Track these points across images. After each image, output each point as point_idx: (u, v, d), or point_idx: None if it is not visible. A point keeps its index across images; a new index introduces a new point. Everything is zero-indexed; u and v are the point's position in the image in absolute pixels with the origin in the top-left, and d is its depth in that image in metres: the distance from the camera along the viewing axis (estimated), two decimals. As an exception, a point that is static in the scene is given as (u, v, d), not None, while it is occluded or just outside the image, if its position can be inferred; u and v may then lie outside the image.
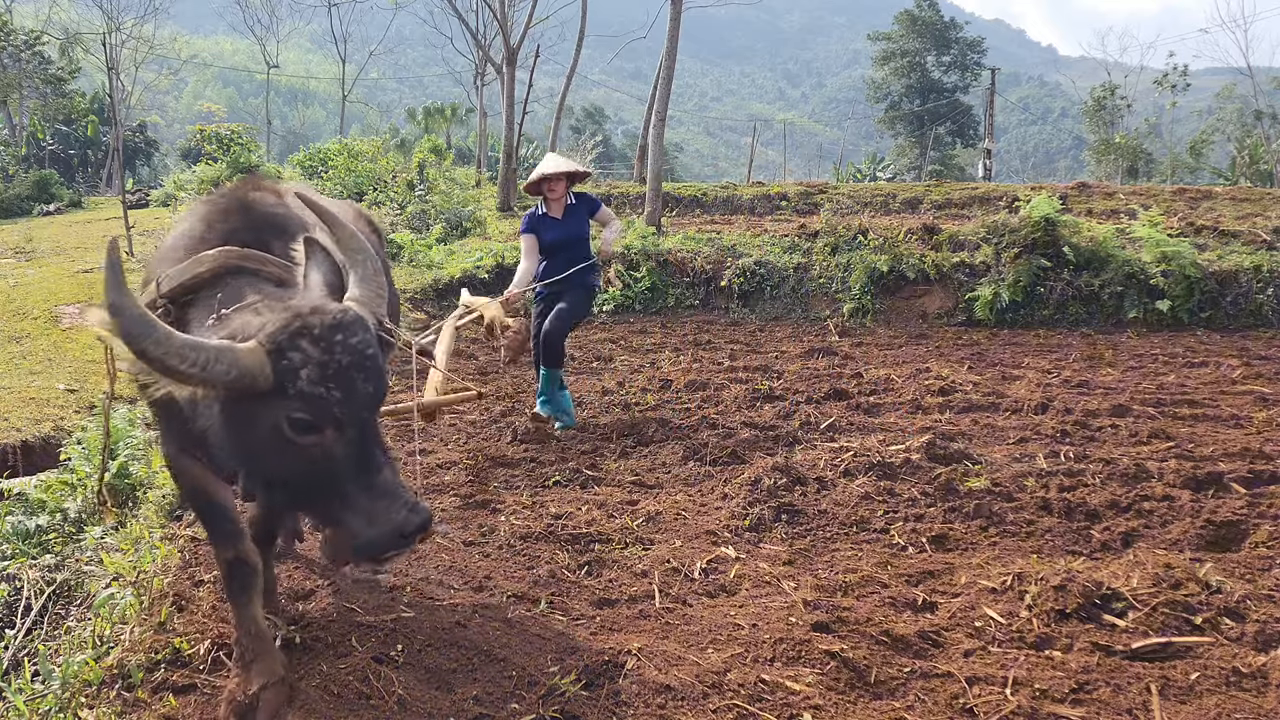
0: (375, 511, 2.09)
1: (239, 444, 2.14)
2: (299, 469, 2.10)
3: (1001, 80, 43.64)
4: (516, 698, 2.75)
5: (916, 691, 2.78)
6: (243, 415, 2.08)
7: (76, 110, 34.88)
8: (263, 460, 2.14)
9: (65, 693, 2.75)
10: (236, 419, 2.10)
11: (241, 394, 2.02)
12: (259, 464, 2.17)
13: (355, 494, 2.10)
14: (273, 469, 2.14)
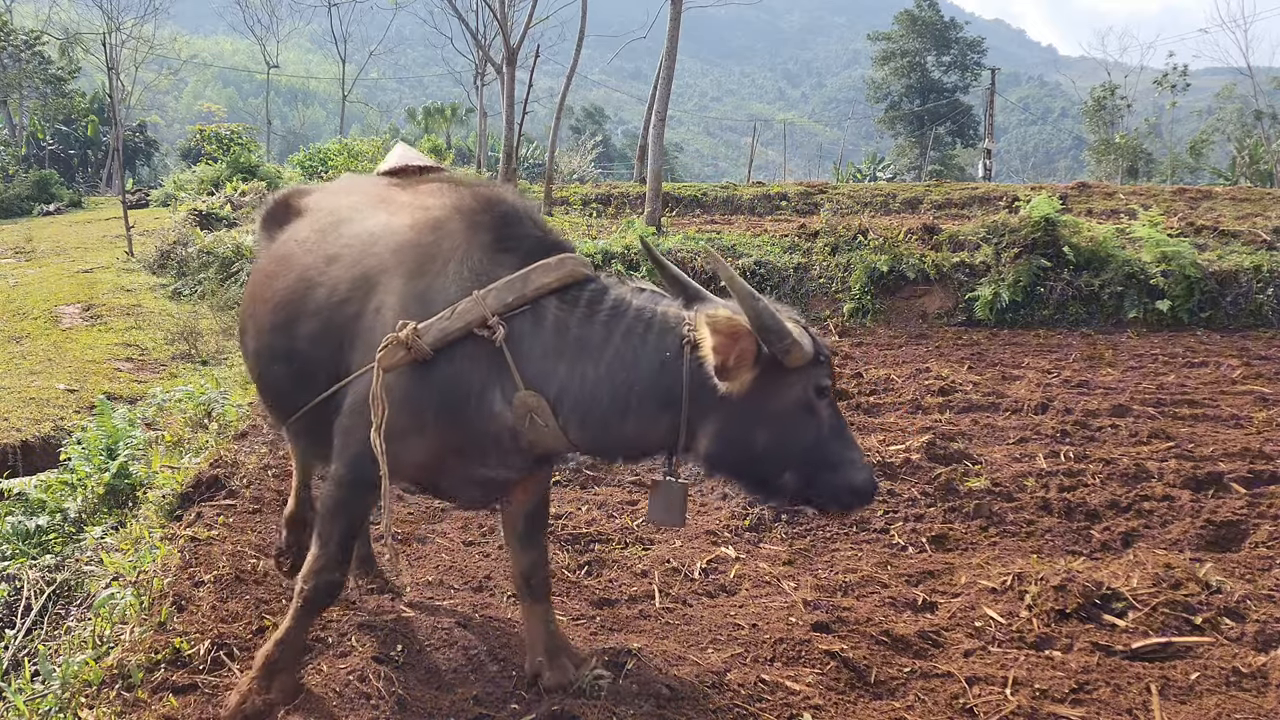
0: (855, 460, 2.37)
1: (753, 425, 2.30)
2: (808, 436, 2.33)
3: (1001, 80, 43.66)
4: (516, 698, 2.75)
5: (916, 691, 2.78)
6: (772, 391, 2.27)
7: (76, 110, 34.87)
8: (778, 435, 2.31)
9: (65, 693, 2.75)
10: (764, 396, 2.26)
11: (790, 366, 2.24)
12: (769, 442, 2.31)
13: (840, 449, 2.36)
14: (780, 443, 2.32)
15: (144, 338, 10.25)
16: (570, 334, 2.36)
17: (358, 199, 2.87)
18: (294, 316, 2.64)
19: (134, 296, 12.49)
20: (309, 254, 2.70)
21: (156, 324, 10.93)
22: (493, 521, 4.37)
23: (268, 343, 2.76)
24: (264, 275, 2.86)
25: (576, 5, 21.36)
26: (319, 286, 2.60)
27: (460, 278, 2.40)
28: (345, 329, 2.52)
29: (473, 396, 2.38)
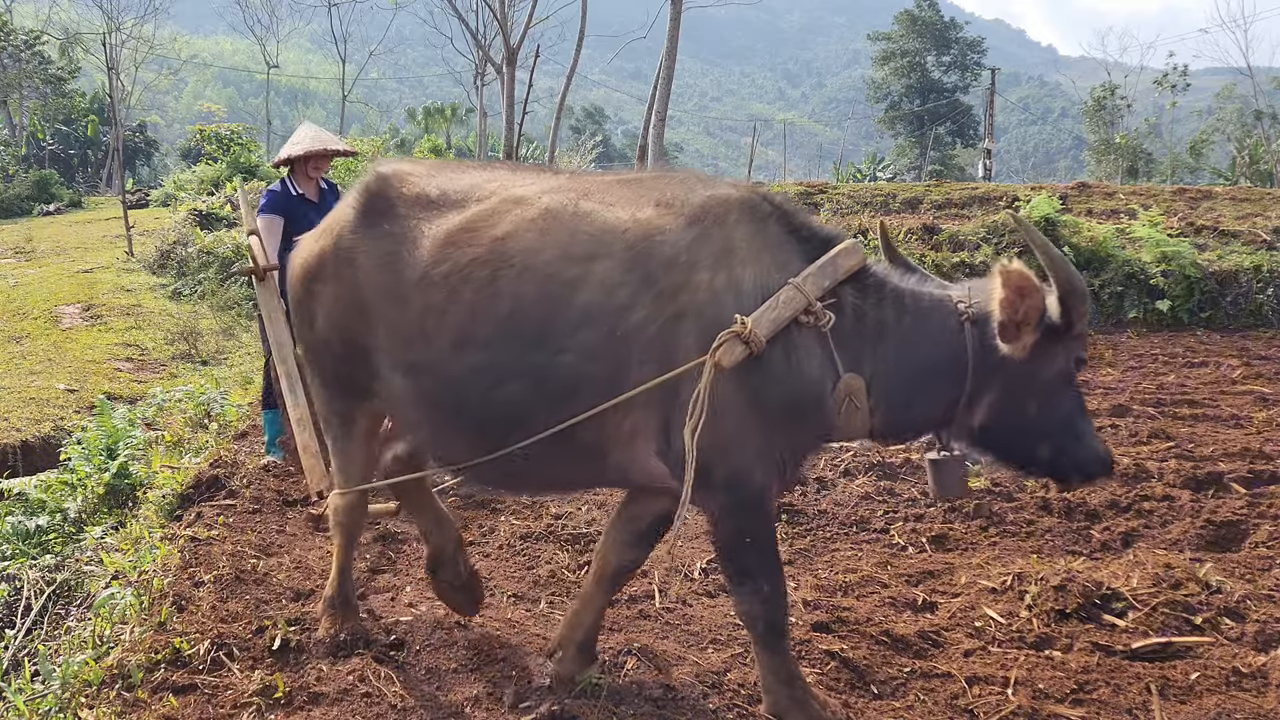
0: (1094, 432, 2.47)
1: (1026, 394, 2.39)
2: (1067, 407, 2.43)
3: (1001, 80, 43.65)
4: (516, 698, 2.74)
5: (916, 691, 2.78)
6: (1045, 358, 2.34)
7: (76, 110, 34.87)
8: (1045, 404, 2.40)
9: (65, 693, 2.75)
10: (1037, 363, 2.34)
11: (1071, 333, 2.32)
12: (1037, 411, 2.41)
13: (1085, 422, 2.46)
14: (1045, 412, 2.41)
15: (144, 338, 10.24)
16: (868, 317, 2.40)
17: (541, 185, 2.59)
18: (548, 327, 2.36)
19: (134, 296, 12.49)
20: (534, 254, 2.41)
21: (156, 324, 10.93)
22: (493, 521, 4.37)
23: (486, 361, 2.42)
24: (436, 280, 2.48)
25: (576, 5, 21.36)
26: (579, 290, 2.36)
27: (765, 269, 2.37)
28: (631, 335, 2.33)
29: (804, 385, 2.37)
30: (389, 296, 2.57)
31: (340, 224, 2.72)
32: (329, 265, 2.72)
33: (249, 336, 10.87)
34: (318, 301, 2.76)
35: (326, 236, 2.77)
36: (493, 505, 4.63)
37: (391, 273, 2.57)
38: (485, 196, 2.58)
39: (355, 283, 2.64)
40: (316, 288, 2.76)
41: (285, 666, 2.85)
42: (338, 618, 2.97)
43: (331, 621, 2.96)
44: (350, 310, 2.67)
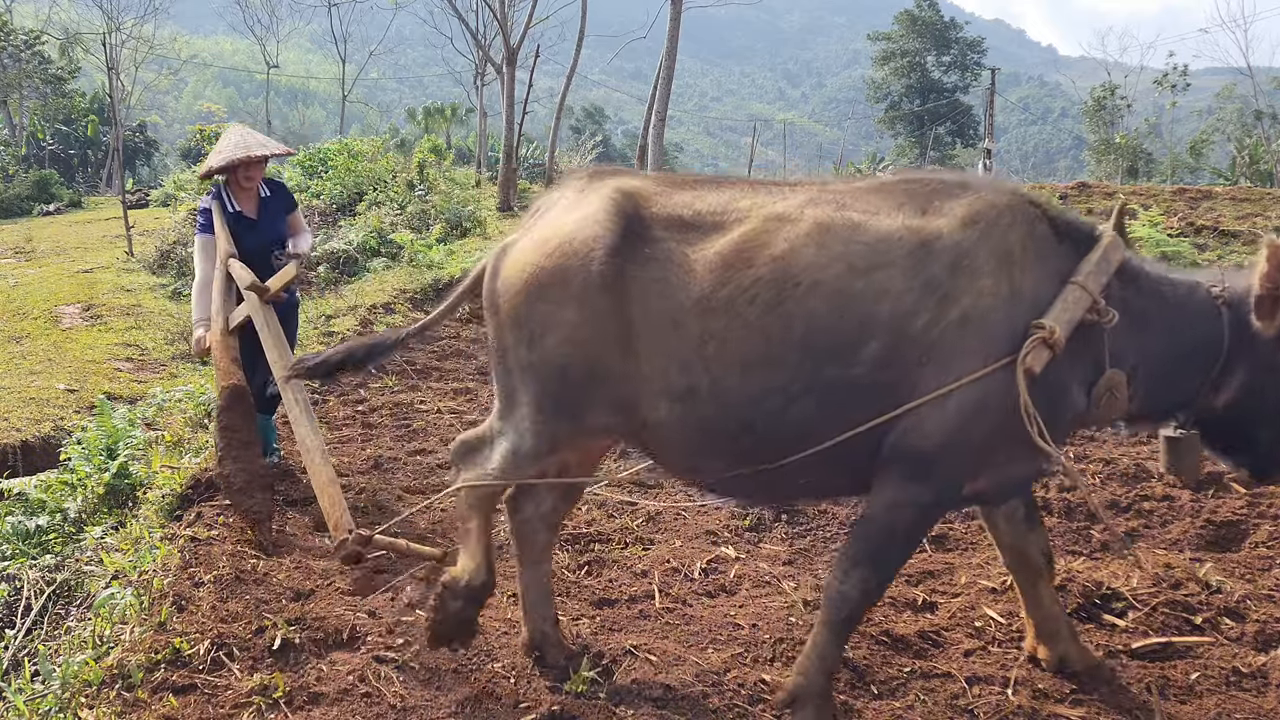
0: None
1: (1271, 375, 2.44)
2: None
3: (1001, 80, 43.65)
4: (517, 697, 2.74)
5: (916, 691, 2.78)
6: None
7: (76, 110, 34.88)
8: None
9: (65, 693, 2.75)
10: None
11: None
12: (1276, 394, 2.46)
13: None
14: None
15: (144, 338, 10.25)
16: (1133, 309, 2.43)
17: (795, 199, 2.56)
18: (840, 341, 2.38)
19: (134, 296, 12.49)
20: (818, 270, 2.40)
21: (156, 324, 10.93)
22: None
23: (779, 381, 2.41)
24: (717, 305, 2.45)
25: (576, 5, 21.35)
26: (866, 301, 2.37)
27: (1041, 271, 2.39)
28: (914, 343, 2.35)
29: (1076, 386, 2.43)
30: (660, 323, 2.50)
31: (589, 244, 2.54)
32: (574, 287, 2.54)
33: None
34: (550, 323, 2.58)
35: (565, 255, 2.56)
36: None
37: (663, 299, 2.50)
38: (744, 216, 2.54)
39: (616, 309, 2.53)
40: (549, 309, 2.57)
41: (285, 666, 2.85)
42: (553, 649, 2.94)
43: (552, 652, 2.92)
44: (604, 337, 2.54)
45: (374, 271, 13.28)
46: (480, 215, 16.73)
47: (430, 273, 11.94)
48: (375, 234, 14.92)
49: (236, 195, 4.71)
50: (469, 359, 8.58)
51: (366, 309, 9.88)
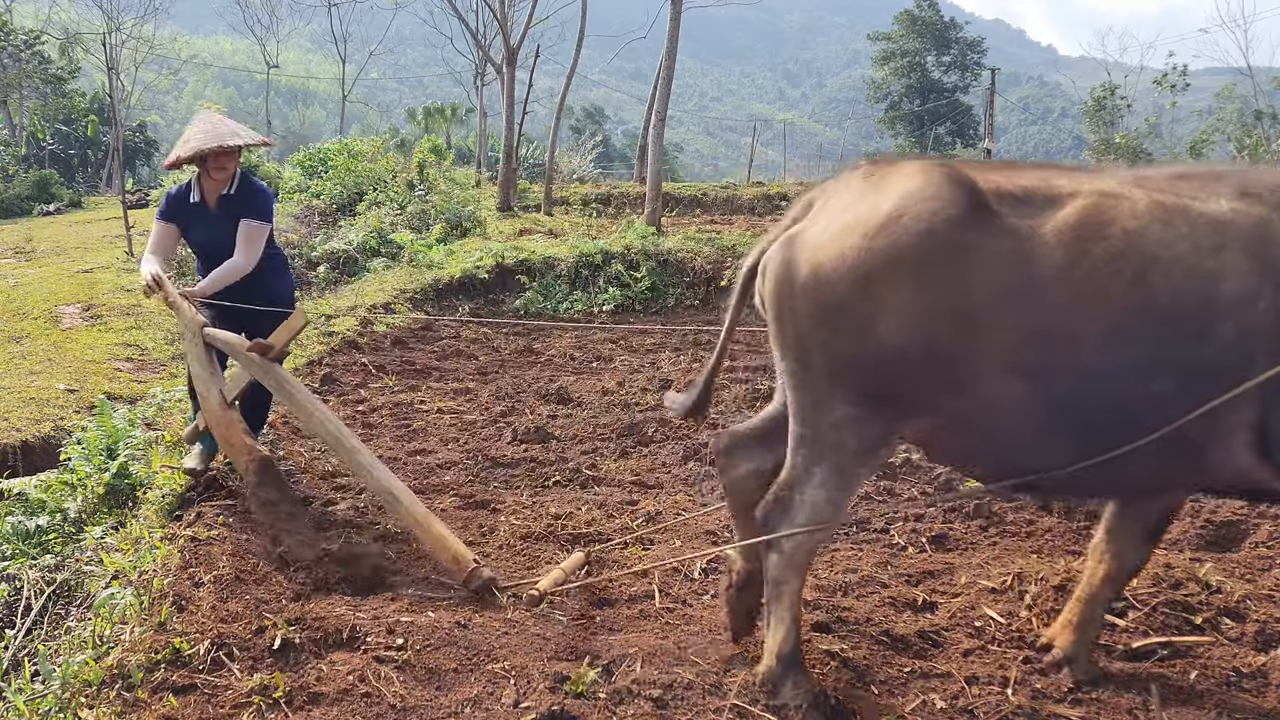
0: None
1: None
2: None
3: (1001, 80, 43.65)
4: (517, 698, 2.74)
5: (916, 691, 2.78)
6: None
7: (76, 110, 34.86)
8: None
9: (65, 693, 2.75)
10: None
11: None
12: None
13: None
14: None
15: (144, 338, 10.25)
16: None
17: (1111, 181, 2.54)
18: (1196, 321, 2.34)
19: (134, 296, 12.49)
20: (1171, 247, 2.37)
21: (156, 324, 10.93)
22: (493, 521, 4.37)
23: (1137, 359, 2.37)
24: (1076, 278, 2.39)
25: (576, 5, 21.36)
26: (1217, 282, 2.33)
27: None
28: (1255, 325, 2.32)
29: None
30: (1011, 296, 2.42)
31: (925, 219, 2.43)
32: (910, 265, 2.43)
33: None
34: (884, 307, 2.44)
35: (895, 233, 2.44)
36: (493, 505, 4.63)
37: (1013, 271, 2.42)
38: (1073, 191, 2.48)
39: (957, 284, 2.43)
40: (883, 291, 2.44)
41: (285, 666, 2.85)
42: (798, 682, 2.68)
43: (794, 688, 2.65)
44: (945, 314, 2.43)
45: (374, 271, 13.29)
46: (480, 215, 16.73)
47: (430, 273, 11.94)
48: (375, 234, 14.93)
49: (204, 184, 4.46)
50: (469, 359, 8.59)
51: (366, 309, 9.88)
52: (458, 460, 5.38)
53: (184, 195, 4.50)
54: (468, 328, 10.05)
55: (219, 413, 4.12)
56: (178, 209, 4.51)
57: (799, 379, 2.61)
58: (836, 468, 2.58)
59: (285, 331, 4.09)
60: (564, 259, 11.95)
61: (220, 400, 4.14)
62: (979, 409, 2.48)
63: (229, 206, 4.45)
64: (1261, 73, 39.22)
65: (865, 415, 2.52)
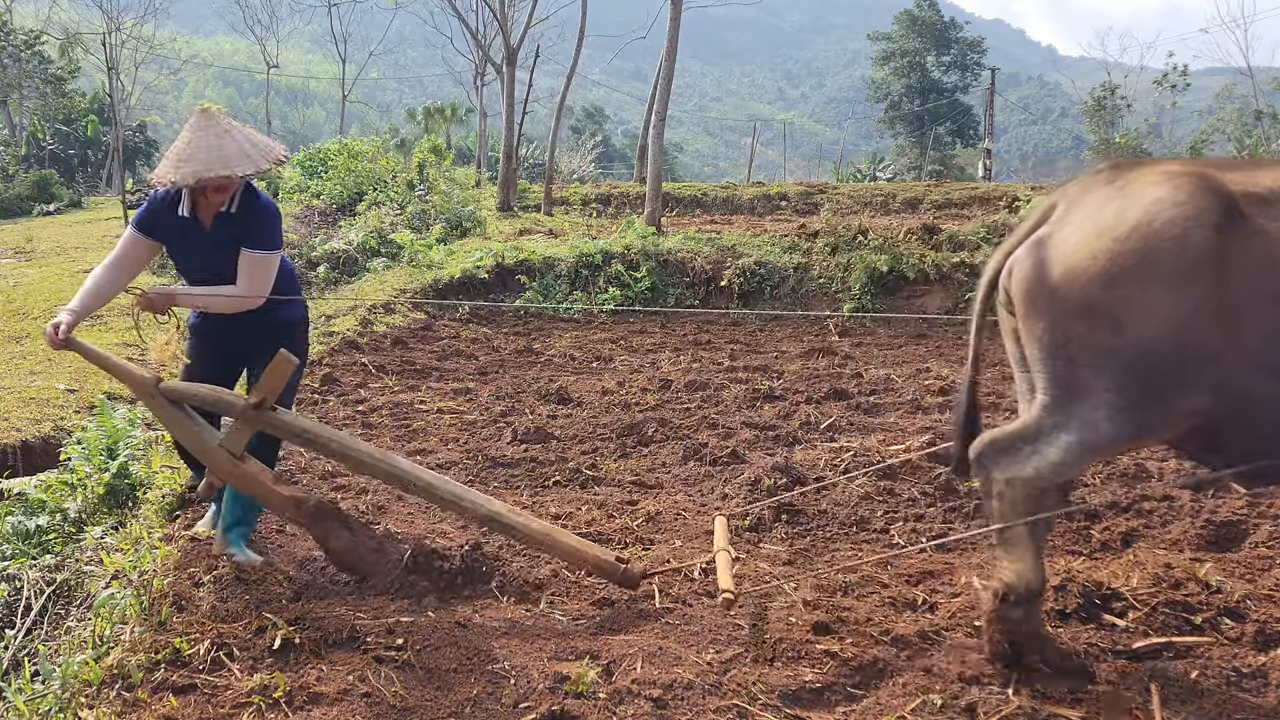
0: None
1: None
2: None
3: (1001, 80, 43.66)
4: (516, 698, 2.74)
5: (916, 691, 2.78)
6: None
7: (76, 110, 34.85)
8: None
9: (65, 693, 2.75)
10: None
11: None
12: None
13: None
14: None
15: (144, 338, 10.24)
16: None
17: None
18: None
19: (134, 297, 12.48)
20: None
21: (157, 324, 10.92)
22: (493, 521, 4.37)
23: None
24: None
25: (576, 5, 21.36)
26: None
27: None
28: None
29: None
30: (1263, 299, 2.52)
31: (1179, 223, 2.53)
32: (1165, 267, 2.52)
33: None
34: (1137, 306, 2.55)
35: (1148, 237, 2.54)
36: (493, 505, 4.63)
37: (1273, 272, 2.52)
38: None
39: (1215, 286, 2.52)
40: (1133, 292, 2.55)
41: (285, 666, 2.85)
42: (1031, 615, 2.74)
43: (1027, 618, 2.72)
44: (1202, 314, 2.53)
45: (374, 271, 13.30)
46: (480, 215, 16.74)
47: (430, 273, 11.95)
48: (375, 234, 14.94)
49: (197, 200, 3.62)
50: (469, 359, 8.59)
51: (366, 309, 9.88)
52: (458, 460, 5.38)
53: (171, 204, 3.63)
54: (468, 327, 10.05)
55: (234, 470, 3.48)
56: (161, 221, 3.65)
57: (1052, 367, 2.71)
58: (1083, 443, 2.66)
59: (274, 377, 3.43)
60: (564, 259, 11.95)
61: (228, 457, 3.47)
62: (1235, 405, 2.57)
63: (228, 228, 3.62)
64: (1261, 73, 39.22)
65: (1129, 406, 2.62)
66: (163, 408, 3.55)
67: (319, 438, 3.60)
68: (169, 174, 3.46)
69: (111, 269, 3.81)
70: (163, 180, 3.49)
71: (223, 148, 3.48)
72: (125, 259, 3.80)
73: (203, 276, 3.78)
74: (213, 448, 3.49)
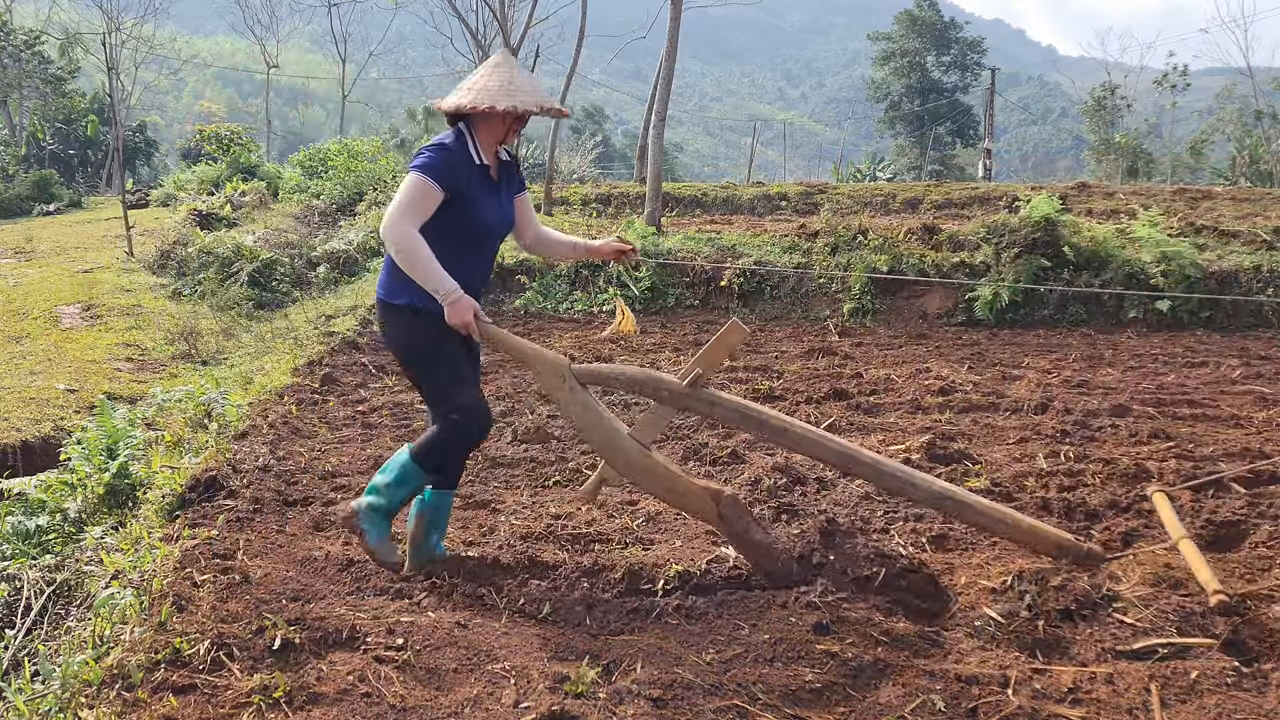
0: None
1: None
2: None
3: (1001, 80, 43.65)
4: (516, 698, 2.74)
5: (916, 691, 2.78)
6: None
7: (76, 110, 34.85)
8: None
9: (65, 693, 2.75)
10: None
11: None
12: None
13: None
14: None
15: (144, 338, 10.24)
16: None
17: None
18: None
19: (134, 296, 12.49)
20: None
21: (156, 324, 10.93)
22: (493, 521, 4.38)
23: None
24: None
25: (576, 5, 21.34)
26: None
27: None
28: None
29: None
30: None
31: None
32: None
33: (249, 337, 10.88)
34: None
35: None
36: (493, 505, 4.63)
37: None
38: None
39: None
40: None
41: (285, 666, 2.85)
42: None
43: None
44: None
45: (374, 271, 13.30)
46: (480, 215, 16.72)
47: (430, 273, 11.93)
48: (375, 234, 14.94)
49: (484, 148, 3.32)
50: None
51: (366, 309, 9.88)
52: (458, 460, 5.37)
53: (465, 153, 3.27)
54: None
55: (644, 463, 3.29)
56: (460, 171, 3.24)
57: None
58: None
59: (719, 349, 3.25)
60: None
61: (639, 449, 3.29)
62: None
63: (507, 175, 3.43)
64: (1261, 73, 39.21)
65: None
66: (572, 393, 3.29)
67: (759, 415, 3.32)
68: (503, 100, 3.17)
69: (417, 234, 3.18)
70: (495, 106, 3.16)
71: (538, 85, 3.31)
72: (424, 213, 3.21)
73: (496, 233, 3.45)
74: (621, 439, 3.27)
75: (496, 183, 3.39)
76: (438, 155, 3.21)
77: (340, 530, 4.15)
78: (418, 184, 3.16)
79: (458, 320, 3.17)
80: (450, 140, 3.28)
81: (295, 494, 4.62)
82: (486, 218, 3.34)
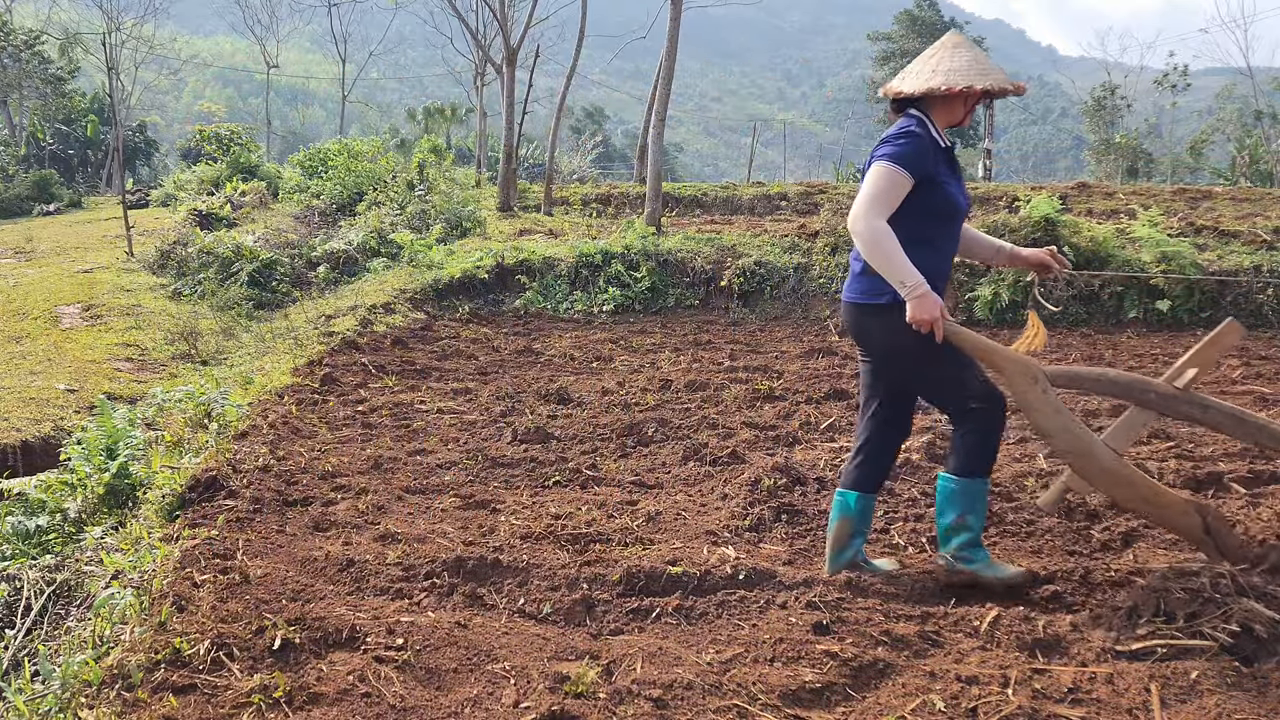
0: None
1: None
2: None
3: (1001, 80, 43.49)
4: (516, 698, 2.74)
5: (916, 691, 2.78)
6: None
7: (76, 110, 34.83)
8: None
9: (65, 693, 2.75)
10: None
11: None
12: None
13: None
14: None
15: (144, 338, 10.24)
16: None
17: None
18: None
19: (134, 296, 12.49)
20: None
21: (156, 324, 10.93)
22: (493, 521, 4.38)
23: None
24: None
25: (576, 5, 21.34)
26: None
27: None
28: None
29: None
30: None
31: None
32: None
33: (249, 337, 10.88)
34: None
35: None
36: (493, 505, 4.63)
37: None
38: None
39: None
40: None
41: (285, 666, 2.85)
42: None
43: None
44: None
45: (374, 271, 13.30)
46: (480, 215, 16.73)
47: (430, 273, 11.94)
48: (375, 234, 14.95)
49: (936, 127, 3.29)
50: (469, 359, 8.59)
51: (366, 309, 9.88)
52: (458, 460, 5.38)
53: (931, 137, 3.23)
54: (468, 327, 10.05)
55: (1122, 472, 3.20)
56: (928, 156, 3.19)
57: None
58: None
59: (1213, 348, 3.16)
60: (564, 259, 11.94)
61: (1115, 457, 3.21)
62: None
63: (953, 155, 3.38)
64: (1261, 73, 39.22)
65: None
66: (1044, 396, 3.23)
67: (1256, 421, 3.17)
68: (979, 80, 3.17)
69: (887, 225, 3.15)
70: (973, 86, 3.16)
71: (987, 64, 3.27)
72: (884, 205, 3.16)
73: (965, 213, 3.38)
74: (1097, 445, 3.16)
75: (957, 164, 3.36)
76: (910, 143, 3.16)
77: (341, 530, 4.15)
78: (889, 174, 3.13)
79: (924, 315, 3.07)
80: (916, 126, 3.22)
81: (295, 494, 4.62)
82: (957, 198, 3.29)
